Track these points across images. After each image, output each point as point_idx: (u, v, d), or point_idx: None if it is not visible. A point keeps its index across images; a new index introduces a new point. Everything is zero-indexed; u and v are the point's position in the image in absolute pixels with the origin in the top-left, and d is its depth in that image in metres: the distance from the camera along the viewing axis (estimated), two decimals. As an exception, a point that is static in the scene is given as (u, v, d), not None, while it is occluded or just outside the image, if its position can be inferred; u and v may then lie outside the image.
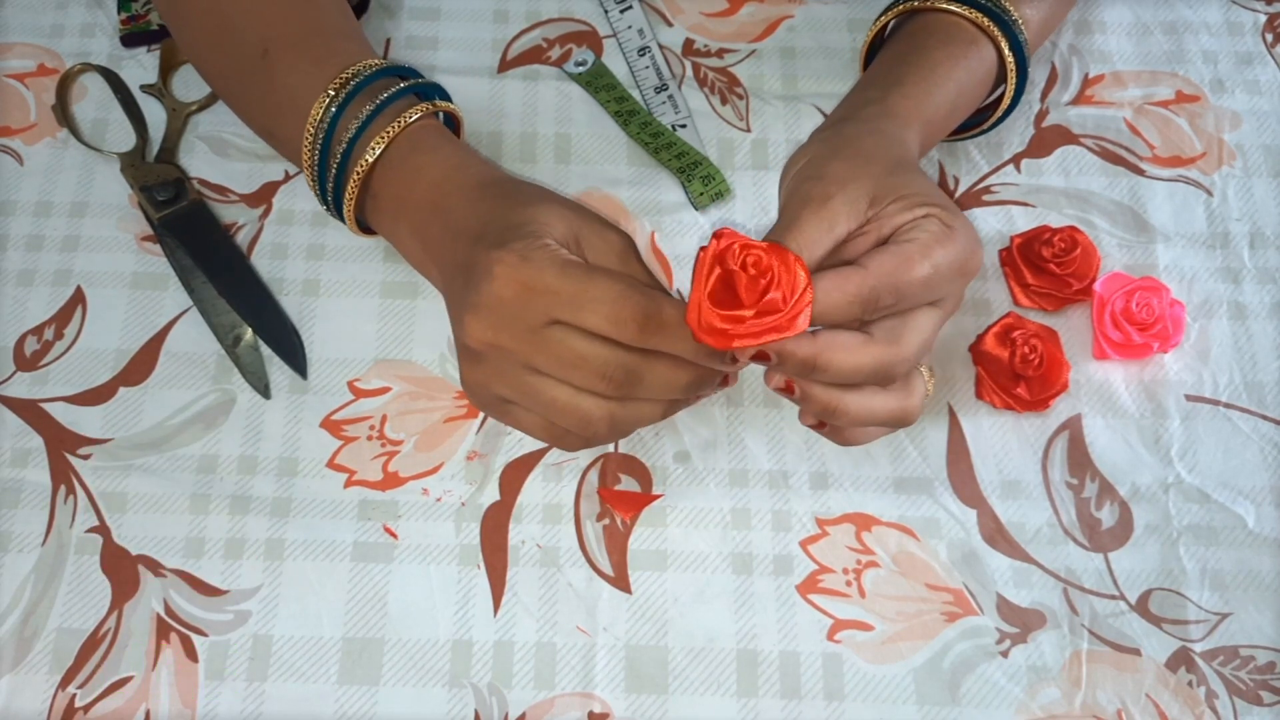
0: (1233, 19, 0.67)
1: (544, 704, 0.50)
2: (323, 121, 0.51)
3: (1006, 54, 0.55)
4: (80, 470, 0.54)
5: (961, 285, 0.47)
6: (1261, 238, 0.60)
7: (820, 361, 0.43)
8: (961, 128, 0.58)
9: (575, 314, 0.43)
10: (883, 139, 0.50)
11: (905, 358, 0.45)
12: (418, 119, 0.51)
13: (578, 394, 0.44)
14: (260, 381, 0.56)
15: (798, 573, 0.52)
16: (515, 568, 0.52)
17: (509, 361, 0.45)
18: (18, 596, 0.51)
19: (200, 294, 0.58)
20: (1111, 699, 0.50)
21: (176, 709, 0.49)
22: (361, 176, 0.51)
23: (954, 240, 0.45)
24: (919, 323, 0.45)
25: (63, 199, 0.61)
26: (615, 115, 0.63)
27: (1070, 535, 0.53)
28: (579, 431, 0.45)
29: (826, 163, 0.48)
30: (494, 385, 0.46)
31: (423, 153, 0.50)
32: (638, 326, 0.43)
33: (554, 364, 0.44)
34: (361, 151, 0.50)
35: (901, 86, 0.53)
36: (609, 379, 0.43)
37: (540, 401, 0.45)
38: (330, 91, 0.51)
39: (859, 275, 0.44)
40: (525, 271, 0.43)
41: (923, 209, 0.46)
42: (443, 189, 0.49)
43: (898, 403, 0.46)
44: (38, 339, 0.57)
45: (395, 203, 0.51)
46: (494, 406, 0.47)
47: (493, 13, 0.67)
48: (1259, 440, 0.55)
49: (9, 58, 0.65)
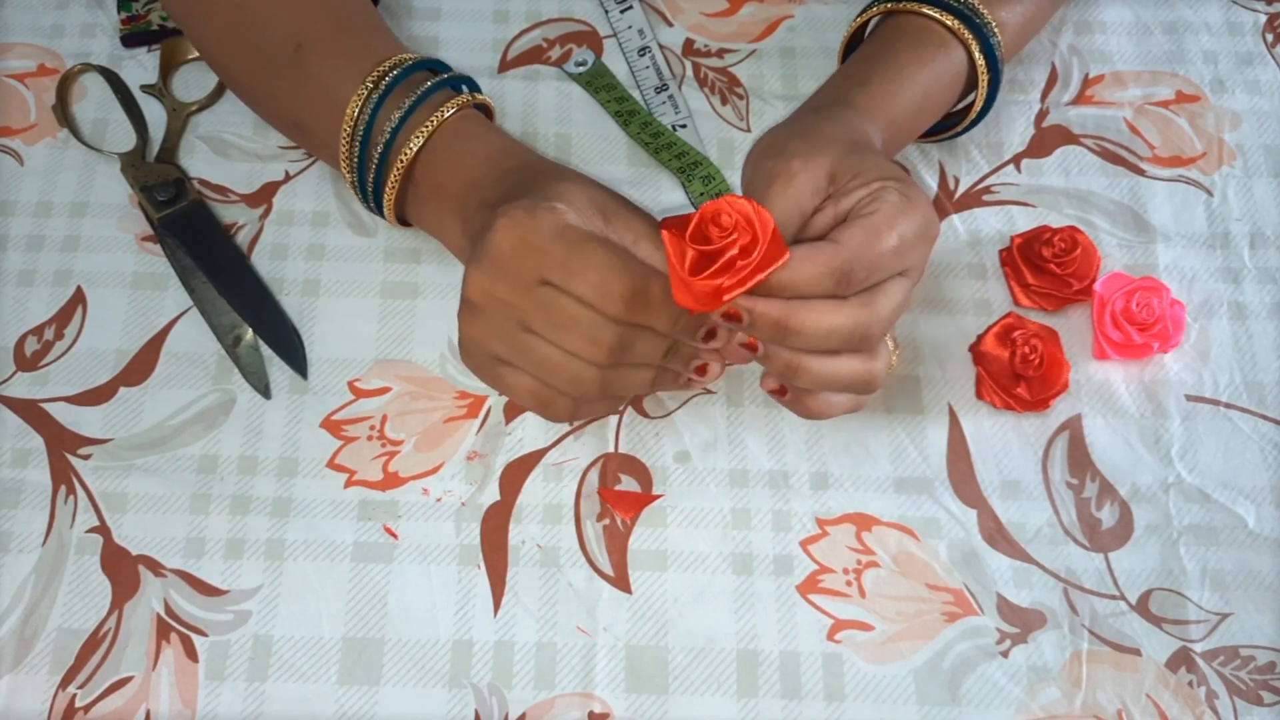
0: (1233, 19, 0.67)
1: (544, 704, 0.50)
2: (361, 114, 0.51)
3: (978, 57, 0.55)
4: (80, 470, 0.54)
5: (926, 252, 0.48)
6: (1261, 238, 0.60)
7: (793, 322, 0.43)
8: (938, 129, 0.59)
9: (564, 278, 0.44)
10: (841, 124, 0.51)
11: (879, 320, 0.45)
12: (455, 111, 0.51)
13: (569, 355, 0.45)
14: (260, 381, 0.56)
15: (798, 573, 0.52)
16: (515, 568, 0.52)
17: (505, 317, 0.45)
18: (18, 596, 0.51)
19: (200, 294, 0.58)
20: (1112, 699, 0.50)
21: (177, 709, 0.50)
22: (404, 167, 0.51)
23: (914, 209, 0.46)
24: (891, 289, 0.46)
25: (63, 199, 0.61)
26: (615, 115, 0.63)
27: (1070, 535, 0.53)
28: (570, 393, 0.46)
29: (787, 142, 0.49)
30: (489, 341, 0.46)
31: (467, 139, 0.51)
32: (623, 301, 0.43)
33: (545, 324, 0.44)
34: (404, 142, 0.51)
35: (867, 86, 0.53)
36: (598, 344, 0.44)
37: (532, 360, 0.45)
38: (369, 83, 0.51)
39: (832, 248, 0.44)
40: (525, 228, 0.44)
41: (879, 183, 0.46)
42: (485, 169, 0.50)
43: (861, 364, 0.46)
44: (38, 339, 0.57)
45: (438, 190, 0.51)
46: (488, 367, 0.48)
47: (493, 13, 0.67)
48: (1259, 440, 0.55)
49: (9, 58, 0.65)
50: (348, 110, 0.52)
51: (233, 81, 0.60)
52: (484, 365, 0.48)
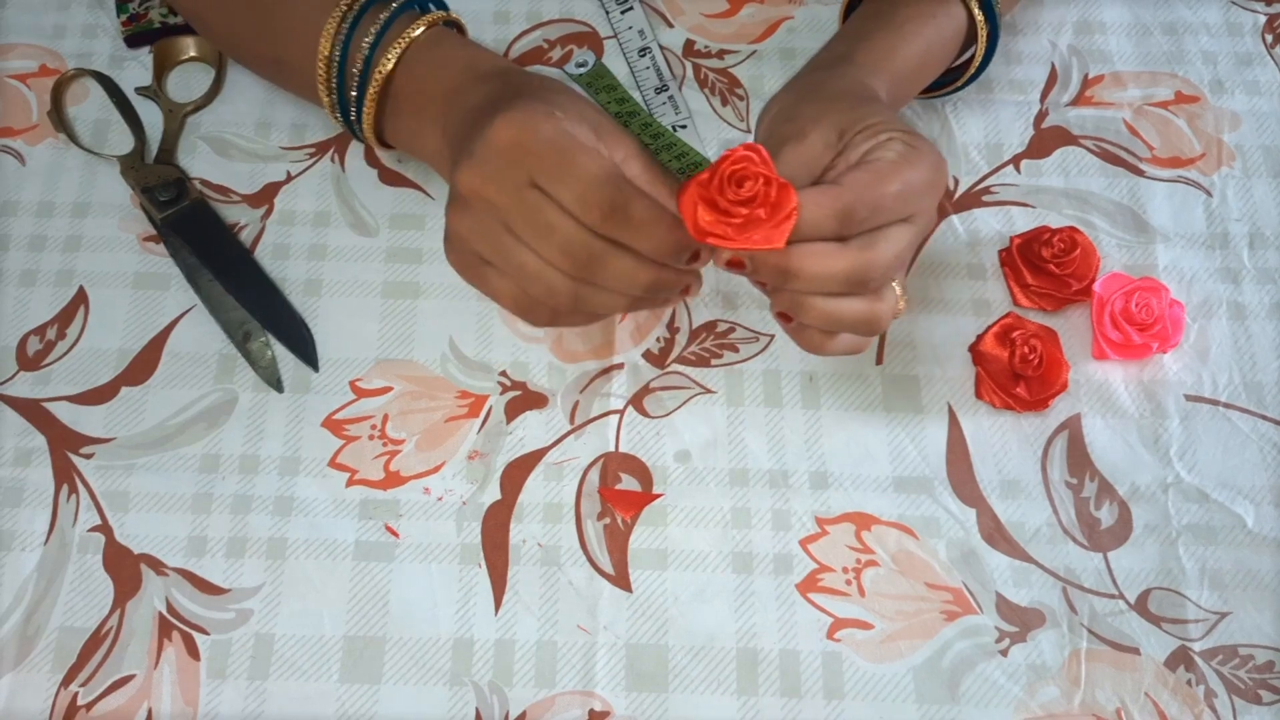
0: (1232, 20, 0.67)
1: (545, 702, 0.50)
2: (336, 39, 0.52)
3: (976, 13, 0.56)
4: (83, 469, 0.54)
5: (932, 202, 0.48)
6: (1261, 238, 0.61)
7: (793, 266, 0.44)
8: (939, 84, 0.60)
9: (550, 183, 0.43)
10: (846, 80, 0.52)
11: (879, 264, 0.45)
12: (426, 29, 0.52)
13: (544, 263, 0.45)
14: (272, 375, 0.56)
15: (798, 572, 0.53)
16: (516, 566, 0.53)
17: (491, 216, 0.45)
18: (20, 595, 0.52)
19: (207, 292, 0.58)
20: (1110, 698, 0.50)
21: (178, 707, 0.50)
22: (381, 82, 0.52)
23: (921, 157, 0.46)
24: (892, 234, 0.46)
25: (65, 199, 0.61)
26: (616, 116, 0.63)
27: (1069, 535, 0.53)
28: (545, 302, 0.46)
29: (796, 106, 0.50)
30: (474, 240, 0.46)
31: (444, 48, 0.52)
32: (602, 213, 0.43)
33: (527, 228, 0.44)
34: (379, 60, 0.51)
35: (868, 40, 0.54)
36: (571, 256, 0.44)
37: (512, 264, 0.45)
38: (340, 9, 0.52)
39: (835, 190, 0.44)
40: (521, 128, 0.44)
41: (886, 134, 0.47)
42: (465, 75, 0.51)
43: (865, 305, 0.46)
44: (40, 339, 0.57)
45: (415, 100, 0.52)
46: (472, 267, 0.47)
47: (494, 14, 0.67)
48: (1258, 440, 0.55)
49: (11, 58, 0.65)
50: (322, 38, 0.52)
51: (208, 28, 0.61)
52: (468, 264, 0.48)
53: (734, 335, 0.58)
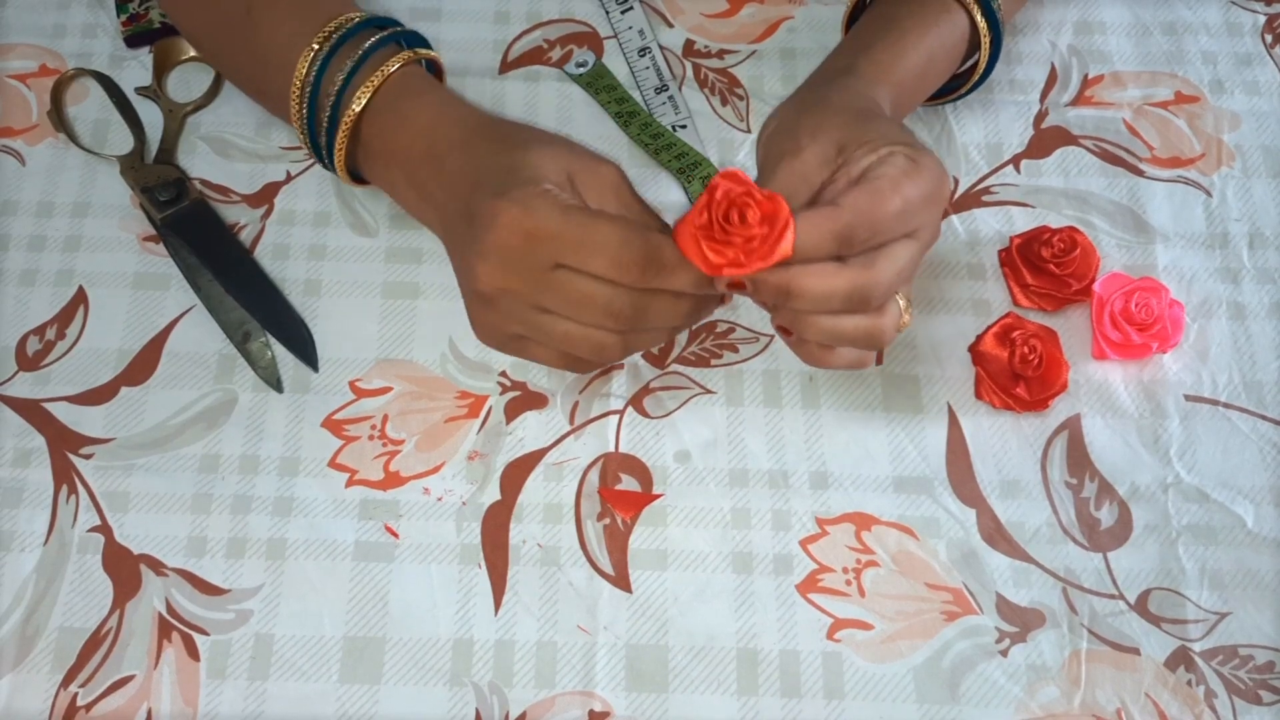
0: (1232, 20, 0.67)
1: (544, 703, 0.50)
2: (309, 75, 0.53)
3: (979, 20, 0.56)
4: (82, 470, 0.54)
5: (934, 215, 0.48)
6: (1260, 238, 0.61)
7: (794, 287, 0.44)
8: (943, 91, 0.60)
9: (580, 259, 0.45)
10: (848, 93, 0.52)
11: (879, 282, 0.45)
12: (399, 67, 0.53)
13: (588, 327, 0.46)
14: (272, 375, 0.56)
15: (797, 572, 0.53)
16: (516, 567, 0.53)
17: (519, 303, 0.47)
18: (19, 595, 0.52)
19: (207, 292, 0.58)
20: (1110, 698, 0.50)
21: (178, 708, 0.50)
22: (350, 126, 0.52)
23: (921, 172, 0.46)
24: (894, 251, 0.46)
25: (64, 199, 0.61)
26: (616, 116, 0.63)
27: (1069, 535, 0.53)
28: (593, 359, 0.48)
29: (796, 119, 0.50)
30: (506, 325, 0.48)
31: (409, 98, 0.52)
32: (639, 269, 0.44)
33: (562, 304, 0.46)
34: (349, 101, 0.52)
35: (870, 51, 0.54)
36: (616, 315, 0.46)
37: (553, 336, 0.47)
38: (315, 45, 0.53)
39: (834, 211, 0.44)
40: (529, 220, 0.45)
41: (887, 148, 0.47)
42: (432, 136, 0.51)
43: (867, 322, 0.47)
44: (39, 339, 0.57)
45: (386, 151, 0.53)
46: (508, 344, 0.49)
47: (494, 14, 0.67)
48: (1258, 440, 0.55)
49: (11, 58, 0.65)
50: (296, 69, 0.53)
51: (197, 45, 0.62)
52: (505, 343, 0.49)
53: (734, 335, 0.58)
